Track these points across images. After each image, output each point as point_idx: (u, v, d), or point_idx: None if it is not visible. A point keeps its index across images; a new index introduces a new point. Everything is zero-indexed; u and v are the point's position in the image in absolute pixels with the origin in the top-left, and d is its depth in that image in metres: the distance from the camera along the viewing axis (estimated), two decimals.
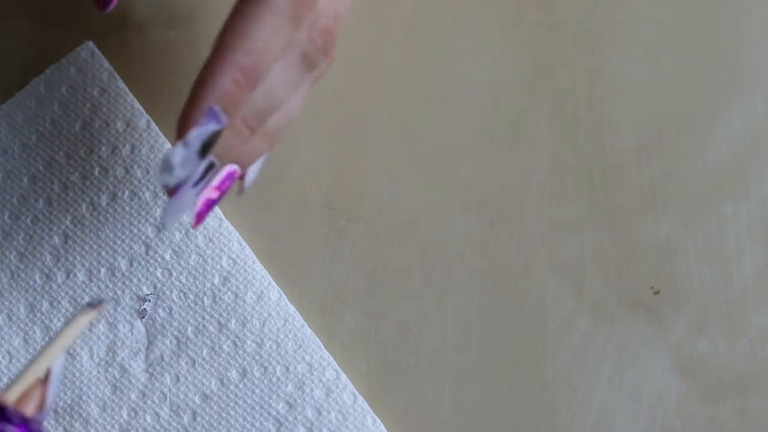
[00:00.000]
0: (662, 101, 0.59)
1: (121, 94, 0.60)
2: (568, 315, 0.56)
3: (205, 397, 0.55)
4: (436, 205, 0.58)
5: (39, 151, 0.59)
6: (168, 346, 0.55)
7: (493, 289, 0.57)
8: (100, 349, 0.56)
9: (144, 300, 0.56)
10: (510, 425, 0.55)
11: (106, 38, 0.60)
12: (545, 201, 0.58)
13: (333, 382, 0.55)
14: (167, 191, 0.47)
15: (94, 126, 0.59)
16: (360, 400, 0.54)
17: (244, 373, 0.55)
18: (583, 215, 0.58)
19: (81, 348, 0.56)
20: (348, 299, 0.57)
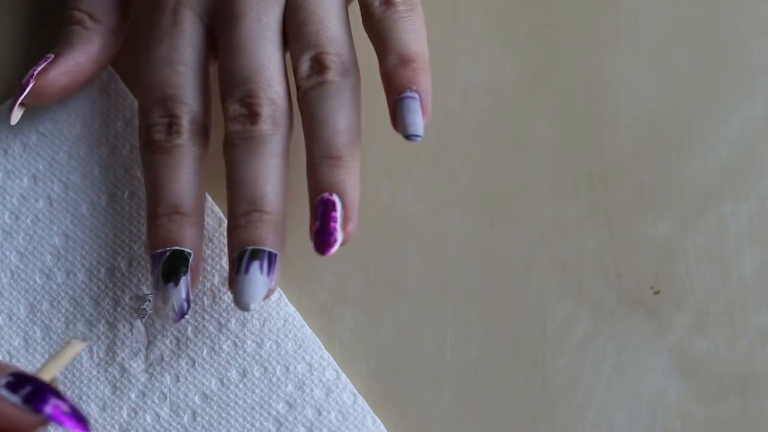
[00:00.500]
0: (662, 101, 0.59)
1: (121, 94, 0.60)
2: (567, 315, 0.56)
3: (205, 397, 0.55)
4: (436, 205, 0.58)
5: (39, 151, 0.59)
6: (168, 346, 0.55)
7: (492, 288, 0.57)
8: (99, 348, 0.56)
9: (144, 300, 0.56)
10: (509, 425, 0.54)
11: None
12: (545, 201, 0.58)
13: (333, 382, 0.55)
14: (180, 311, 0.52)
15: (94, 126, 0.59)
16: (360, 400, 0.54)
17: (244, 373, 0.55)
18: (583, 215, 0.58)
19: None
20: (348, 299, 0.57)
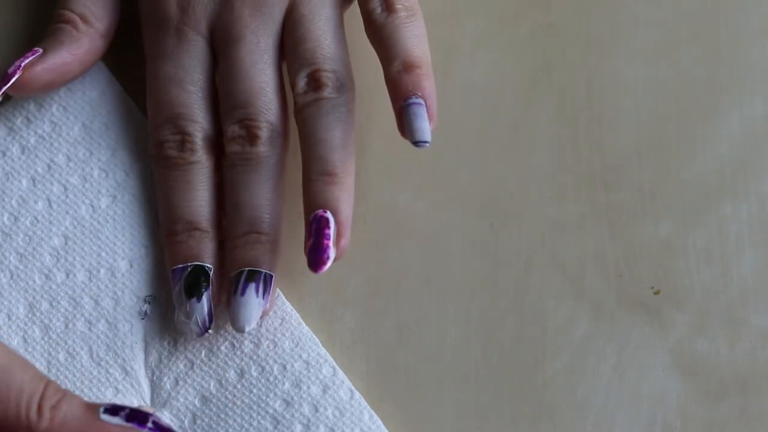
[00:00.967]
0: (662, 101, 0.59)
1: (120, 98, 0.60)
2: (567, 315, 0.56)
3: (205, 399, 0.55)
4: (436, 205, 0.58)
5: (38, 153, 0.59)
6: (166, 348, 0.55)
7: (492, 289, 0.57)
8: (99, 348, 0.55)
9: (143, 301, 0.56)
10: (509, 425, 0.54)
11: None
12: (545, 201, 0.58)
13: (330, 378, 0.55)
14: (204, 325, 0.54)
15: (93, 128, 0.59)
16: (357, 395, 0.54)
17: (242, 373, 0.55)
18: (583, 215, 0.58)
19: (81, 347, 0.55)
20: (347, 300, 0.57)
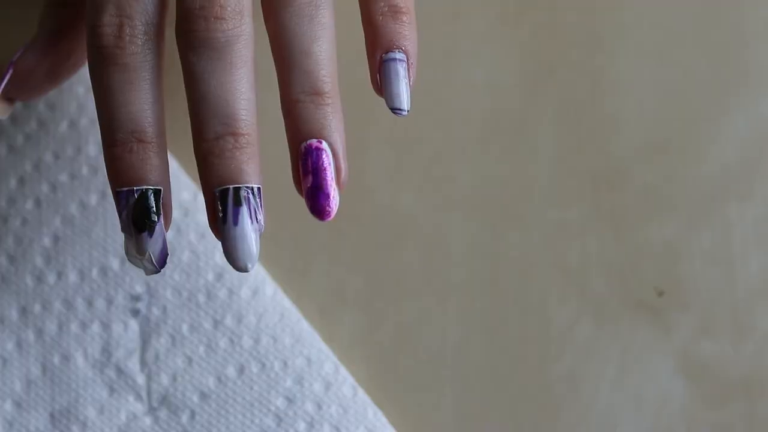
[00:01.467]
0: (666, 102, 0.59)
1: None
2: (571, 317, 0.56)
3: (204, 396, 0.54)
4: (437, 205, 0.58)
5: (26, 152, 0.59)
6: (163, 345, 0.55)
7: (494, 290, 0.56)
8: (94, 350, 0.55)
9: (137, 299, 0.56)
10: (511, 427, 0.54)
11: None
12: (548, 202, 0.58)
13: (332, 375, 0.54)
14: (160, 262, 0.47)
15: (80, 124, 0.59)
16: (360, 392, 0.54)
17: (242, 370, 0.54)
18: (587, 216, 0.57)
19: (75, 349, 0.55)
20: (347, 300, 0.56)
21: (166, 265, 0.49)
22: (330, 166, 0.48)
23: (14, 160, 0.58)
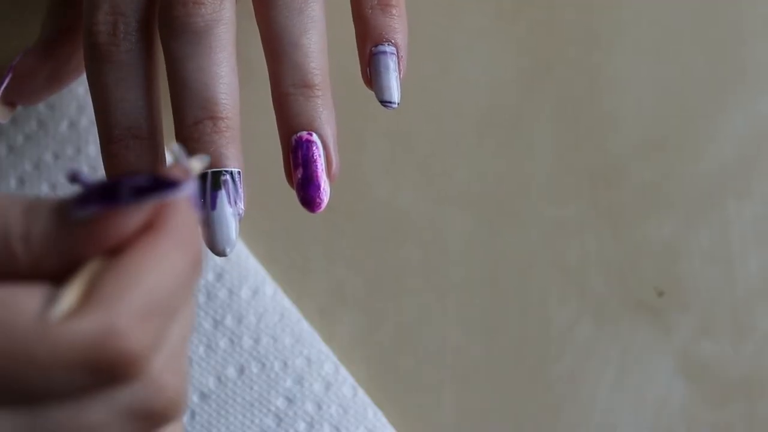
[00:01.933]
0: (665, 99, 0.59)
1: None
2: (570, 316, 0.55)
3: (204, 396, 0.54)
4: (436, 205, 0.58)
5: (25, 152, 0.58)
6: None
7: (494, 290, 0.56)
8: None
9: None
10: (511, 427, 0.54)
11: None
12: (546, 200, 0.57)
13: (332, 375, 0.54)
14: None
15: (80, 125, 0.59)
16: (360, 392, 0.54)
17: (242, 370, 0.54)
18: (585, 215, 0.57)
19: None
20: (347, 301, 0.56)
21: None
22: (320, 158, 0.47)
23: (14, 160, 0.58)
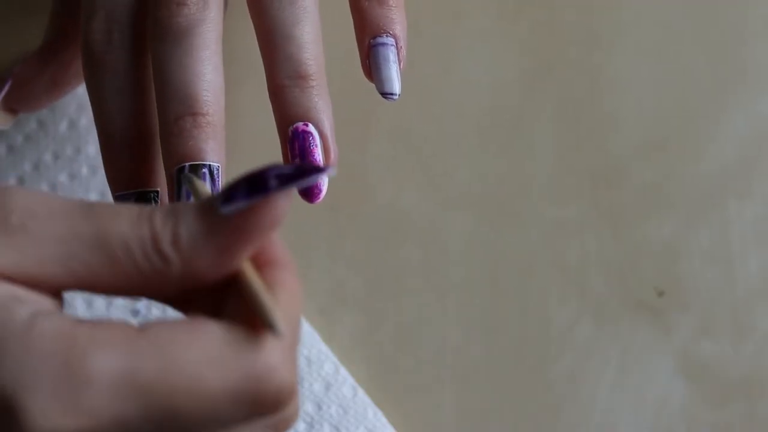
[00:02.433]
0: (665, 100, 0.59)
1: None
2: (570, 316, 0.55)
3: None
4: (437, 205, 0.58)
5: (25, 153, 0.58)
6: None
7: (494, 290, 0.56)
8: None
9: (137, 299, 0.55)
10: (511, 427, 0.54)
11: None
12: (547, 201, 0.57)
13: (332, 375, 0.54)
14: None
15: (80, 125, 0.59)
16: (360, 392, 0.54)
17: None
18: (586, 215, 0.57)
19: None
20: (347, 300, 0.56)
21: None
22: (318, 148, 0.47)
23: (14, 160, 0.58)
